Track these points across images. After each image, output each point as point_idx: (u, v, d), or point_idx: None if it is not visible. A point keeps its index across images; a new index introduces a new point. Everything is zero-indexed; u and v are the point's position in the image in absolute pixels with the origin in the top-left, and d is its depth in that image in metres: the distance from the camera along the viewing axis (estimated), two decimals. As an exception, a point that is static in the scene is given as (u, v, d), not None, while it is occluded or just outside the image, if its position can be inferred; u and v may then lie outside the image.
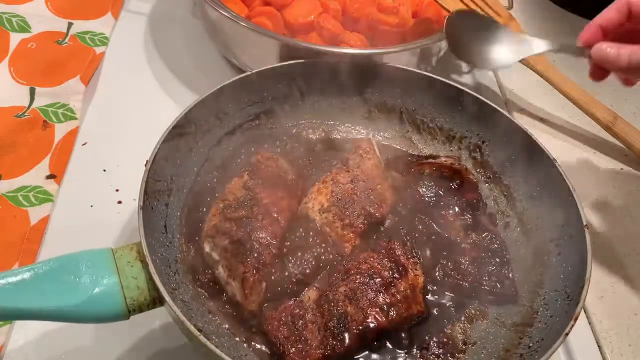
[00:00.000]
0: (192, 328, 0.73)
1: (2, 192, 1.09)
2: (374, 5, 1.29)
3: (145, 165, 0.90)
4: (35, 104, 1.25)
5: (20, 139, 1.18)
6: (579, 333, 1.01)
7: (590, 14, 1.69)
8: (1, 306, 0.71)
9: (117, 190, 1.14)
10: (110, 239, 1.07)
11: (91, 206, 1.11)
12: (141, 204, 0.85)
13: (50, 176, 1.14)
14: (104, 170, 1.17)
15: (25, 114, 1.23)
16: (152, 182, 0.91)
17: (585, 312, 1.05)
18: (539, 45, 1.01)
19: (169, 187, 0.97)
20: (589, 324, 1.05)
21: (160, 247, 0.89)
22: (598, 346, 1.03)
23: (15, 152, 1.16)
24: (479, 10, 1.19)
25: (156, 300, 0.79)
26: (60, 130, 1.21)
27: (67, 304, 0.74)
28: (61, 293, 0.74)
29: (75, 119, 1.24)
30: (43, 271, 0.75)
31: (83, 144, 1.22)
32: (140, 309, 0.79)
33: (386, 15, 1.27)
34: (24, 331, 0.93)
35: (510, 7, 1.32)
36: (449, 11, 1.17)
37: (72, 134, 1.22)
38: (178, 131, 0.98)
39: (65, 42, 1.40)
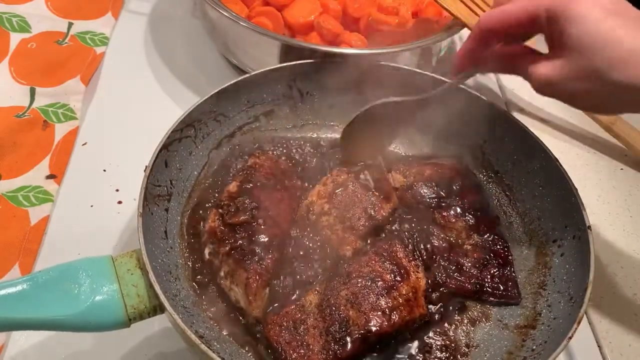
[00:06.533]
0: (192, 337, 0.73)
1: (2, 192, 1.10)
2: (374, 5, 1.29)
3: (145, 170, 0.89)
4: (35, 104, 1.25)
5: (20, 139, 1.18)
6: (580, 333, 1.01)
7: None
8: (1, 317, 0.71)
9: (117, 190, 1.14)
10: (110, 239, 1.07)
11: (91, 206, 1.11)
12: (140, 210, 0.84)
13: (50, 176, 1.14)
14: (104, 170, 1.17)
15: (26, 114, 1.23)
16: (151, 188, 0.90)
17: (585, 312, 1.05)
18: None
19: (169, 192, 0.97)
20: (589, 324, 1.05)
21: (161, 253, 0.89)
22: (598, 346, 1.03)
23: (15, 152, 1.16)
24: (479, 10, 1.18)
25: (157, 308, 0.79)
26: (60, 130, 1.21)
27: (68, 313, 0.74)
28: (61, 302, 0.74)
29: (76, 119, 1.25)
30: (43, 280, 0.75)
31: (83, 144, 1.22)
32: (141, 316, 0.79)
33: (386, 15, 1.27)
34: (24, 333, 0.93)
35: (511, 6, 1.32)
36: (449, 11, 1.17)
37: (72, 134, 1.22)
38: (177, 135, 0.98)
39: (66, 42, 1.40)
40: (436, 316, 0.93)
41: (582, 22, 0.73)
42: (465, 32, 1.26)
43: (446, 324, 0.92)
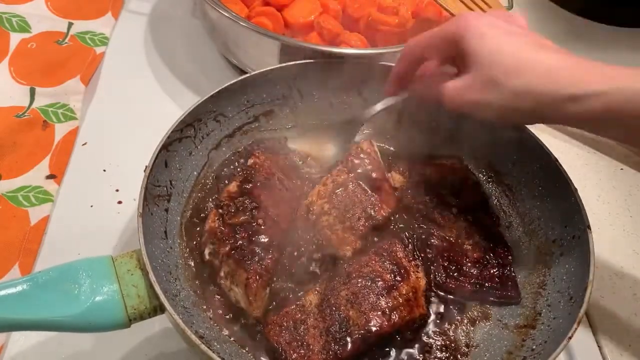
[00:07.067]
0: (193, 337, 0.73)
1: (2, 192, 1.10)
2: (374, 5, 1.29)
3: (145, 171, 0.89)
4: (35, 104, 1.25)
5: (20, 139, 1.18)
6: (580, 333, 1.01)
7: (589, 14, 1.69)
8: (1, 317, 0.71)
9: (117, 190, 1.14)
10: (110, 239, 1.07)
11: (91, 206, 1.11)
12: (140, 211, 0.84)
13: (50, 176, 1.14)
14: (104, 170, 1.18)
15: (25, 114, 1.23)
16: (151, 188, 0.90)
17: (585, 312, 1.05)
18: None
19: (169, 192, 0.97)
20: (589, 324, 1.05)
21: (161, 253, 0.89)
22: (598, 346, 1.03)
23: (15, 152, 1.16)
24: (479, 10, 1.18)
25: (157, 308, 0.79)
26: (60, 130, 1.22)
27: (68, 313, 0.73)
28: (61, 303, 0.74)
29: (76, 119, 1.25)
30: (43, 281, 0.75)
31: (83, 144, 1.22)
32: (141, 317, 0.79)
33: (386, 15, 1.27)
34: (24, 333, 0.93)
35: (510, 7, 1.32)
36: (449, 11, 1.17)
37: (72, 134, 1.22)
38: (177, 135, 0.98)
39: (66, 42, 1.40)
40: (436, 316, 0.93)
41: (481, 38, 0.83)
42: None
43: (446, 324, 0.92)
